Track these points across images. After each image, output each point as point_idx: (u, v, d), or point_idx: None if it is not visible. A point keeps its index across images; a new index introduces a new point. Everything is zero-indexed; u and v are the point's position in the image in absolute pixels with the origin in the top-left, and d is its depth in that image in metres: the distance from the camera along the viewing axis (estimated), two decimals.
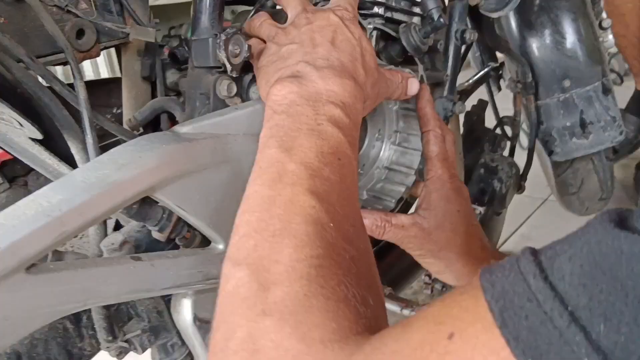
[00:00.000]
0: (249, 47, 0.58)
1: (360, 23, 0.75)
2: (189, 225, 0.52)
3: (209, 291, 0.52)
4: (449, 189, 0.71)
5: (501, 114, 1.33)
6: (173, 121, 0.75)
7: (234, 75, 0.58)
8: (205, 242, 0.54)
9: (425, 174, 0.73)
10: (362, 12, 0.81)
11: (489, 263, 0.73)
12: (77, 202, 0.38)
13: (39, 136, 0.50)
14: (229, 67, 0.56)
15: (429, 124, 0.74)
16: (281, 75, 0.54)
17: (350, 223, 0.43)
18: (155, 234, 0.51)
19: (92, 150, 0.48)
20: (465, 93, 1.38)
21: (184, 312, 0.50)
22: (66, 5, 0.64)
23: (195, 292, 0.51)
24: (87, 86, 0.82)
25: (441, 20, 0.79)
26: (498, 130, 1.32)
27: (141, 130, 0.73)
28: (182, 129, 0.51)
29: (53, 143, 0.53)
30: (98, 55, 0.69)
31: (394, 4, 0.83)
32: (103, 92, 0.85)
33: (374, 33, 0.81)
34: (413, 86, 0.68)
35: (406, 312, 0.68)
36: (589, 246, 0.29)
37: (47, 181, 0.59)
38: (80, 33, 0.65)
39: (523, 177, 1.34)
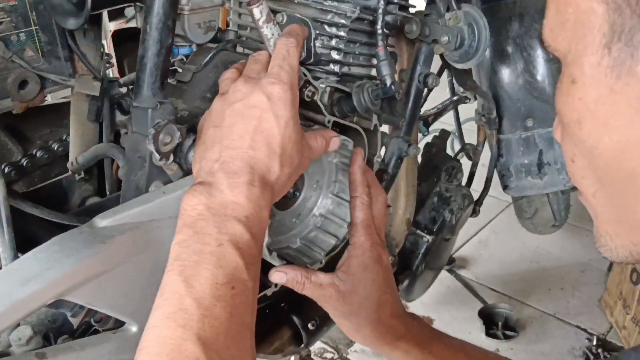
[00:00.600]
0: (181, 132, 0.59)
1: (311, 83, 0.77)
2: None
3: None
4: (368, 257, 0.75)
5: None
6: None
7: (163, 162, 0.59)
8: (121, 320, 0.57)
9: (350, 238, 0.77)
10: (318, 68, 0.81)
11: (398, 330, 0.78)
12: None
13: None
14: (156, 156, 0.58)
15: (356, 191, 0.77)
16: (197, 173, 0.58)
17: None
18: (69, 318, 0.53)
19: (8, 252, 0.50)
20: (434, 116, 1.40)
21: None
22: (10, 56, 0.64)
23: None
24: (39, 110, 0.83)
25: (392, 87, 0.80)
26: (462, 155, 1.35)
27: (82, 174, 0.75)
28: (102, 222, 0.53)
29: None
30: (42, 102, 0.69)
31: (351, 60, 0.84)
32: (56, 115, 0.86)
33: (328, 89, 0.81)
34: (334, 145, 0.72)
35: None
36: None
37: None
38: (23, 83, 0.66)
39: (479, 202, 1.37)
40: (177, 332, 0.46)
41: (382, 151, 1.01)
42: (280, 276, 0.73)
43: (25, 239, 0.60)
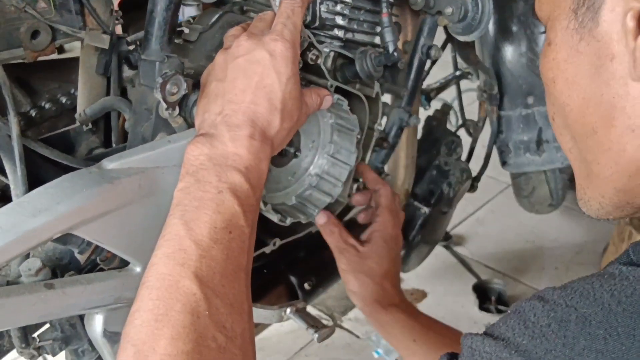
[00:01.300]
0: (187, 84, 0.61)
1: (315, 46, 0.79)
2: None
3: (121, 307, 0.58)
4: (388, 234, 0.89)
5: None
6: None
7: (168, 113, 0.61)
8: (125, 261, 0.60)
9: (376, 216, 0.91)
10: (322, 32, 0.83)
11: (393, 298, 0.85)
12: None
13: None
14: (164, 105, 0.60)
15: (379, 184, 0.92)
16: (201, 124, 0.61)
17: (228, 302, 0.50)
18: (76, 255, 0.56)
19: (20, 187, 0.52)
20: (435, 91, 1.41)
21: (95, 325, 0.57)
22: (24, 6, 0.66)
23: (107, 309, 0.57)
24: (48, 65, 0.85)
25: (395, 54, 0.82)
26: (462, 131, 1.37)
27: (90, 126, 0.77)
28: (110, 164, 0.56)
29: None
30: (53, 52, 0.71)
31: (355, 27, 0.85)
32: (64, 70, 0.88)
33: (331, 54, 0.83)
34: (326, 103, 0.75)
35: (310, 331, 0.75)
36: None
37: None
38: (35, 34, 0.68)
39: (477, 178, 1.39)
40: (175, 269, 0.49)
41: (384, 121, 1.03)
42: (323, 217, 0.85)
43: (34, 181, 0.62)
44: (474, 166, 1.32)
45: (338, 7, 0.82)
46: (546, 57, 0.48)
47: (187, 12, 0.91)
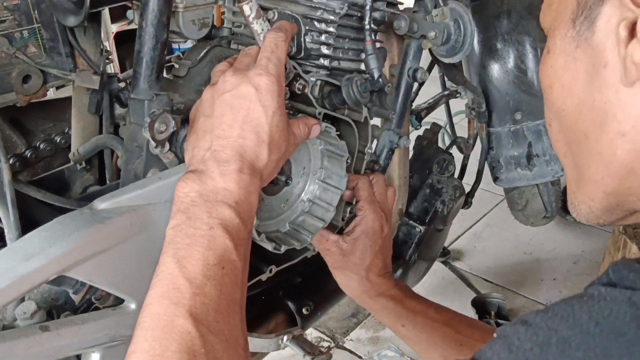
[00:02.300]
0: (176, 121, 0.63)
1: (301, 76, 0.80)
2: None
3: (117, 345, 0.59)
4: (370, 227, 0.90)
5: None
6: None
7: (159, 150, 0.63)
8: (120, 298, 0.61)
9: (357, 211, 0.91)
10: (308, 62, 0.85)
11: (380, 288, 0.87)
12: None
13: None
14: (152, 143, 0.61)
15: (355, 179, 0.90)
16: (190, 160, 0.62)
17: (223, 338, 0.51)
18: (71, 295, 0.57)
19: (13, 231, 0.53)
20: (425, 111, 1.43)
21: None
22: (14, 52, 0.67)
23: (104, 347, 0.58)
24: (42, 105, 0.87)
25: (380, 80, 0.84)
26: (453, 148, 1.38)
27: (83, 164, 0.78)
28: (101, 204, 0.57)
29: None
30: (45, 95, 0.73)
31: (340, 55, 0.87)
32: (58, 110, 0.89)
33: (318, 82, 0.85)
34: (314, 132, 0.77)
35: (307, 358, 0.76)
36: None
37: None
38: (26, 78, 0.69)
39: (470, 194, 1.41)
40: (170, 308, 0.50)
41: (374, 144, 1.05)
42: None
43: (29, 224, 0.63)
44: (469, 181, 1.33)
45: (322, 37, 0.83)
46: (544, 65, 0.50)
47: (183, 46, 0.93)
